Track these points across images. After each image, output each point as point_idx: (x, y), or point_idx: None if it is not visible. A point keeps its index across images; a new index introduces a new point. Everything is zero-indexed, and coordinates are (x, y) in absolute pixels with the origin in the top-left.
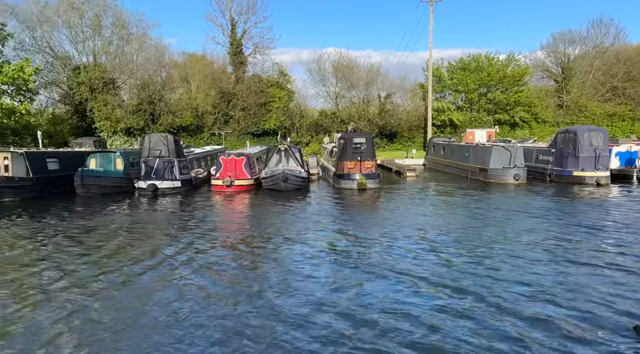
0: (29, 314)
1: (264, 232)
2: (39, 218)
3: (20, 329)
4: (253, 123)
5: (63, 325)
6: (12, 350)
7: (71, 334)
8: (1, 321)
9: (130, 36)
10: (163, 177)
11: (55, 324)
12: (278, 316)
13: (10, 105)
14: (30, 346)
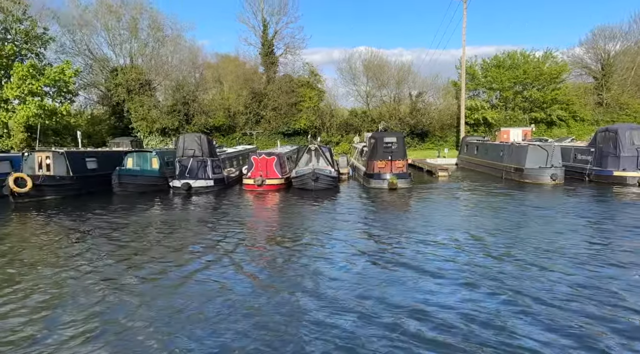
0: (66, 306)
1: (295, 231)
2: (79, 215)
3: (57, 319)
4: (284, 123)
5: (98, 317)
6: (50, 340)
7: (104, 326)
8: (40, 311)
9: (165, 38)
10: (196, 177)
11: (91, 316)
12: (307, 314)
13: (52, 106)
14: (64, 336)
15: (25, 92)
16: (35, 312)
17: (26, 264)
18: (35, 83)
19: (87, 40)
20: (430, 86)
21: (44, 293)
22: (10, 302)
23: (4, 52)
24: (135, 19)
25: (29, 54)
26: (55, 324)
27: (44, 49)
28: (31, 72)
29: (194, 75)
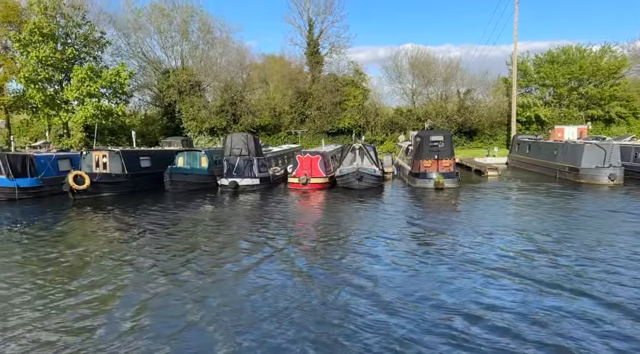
0: (128, 299)
1: (341, 230)
2: (133, 212)
3: (119, 311)
4: (328, 122)
5: (157, 311)
6: (111, 332)
7: (164, 319)
8: (104, 303)
9: (214, 40)
10: (243, 175)
11: (150, 309)
12: (359, 313)
13: (108, 107)
14: (112, 326)
15: (83, 93)
16: (98, 304)
17: (87, 257)
18: (93, 85)
19: (141, 43)
20: (480, 83)
21: (107, 285)
22: (76, 294)
23: (65, 55)
24: (186, 22)
25: (87, 57)
26: (117, 317)
27: (101, 52)
28: (89, 74)
29: (242, 76)
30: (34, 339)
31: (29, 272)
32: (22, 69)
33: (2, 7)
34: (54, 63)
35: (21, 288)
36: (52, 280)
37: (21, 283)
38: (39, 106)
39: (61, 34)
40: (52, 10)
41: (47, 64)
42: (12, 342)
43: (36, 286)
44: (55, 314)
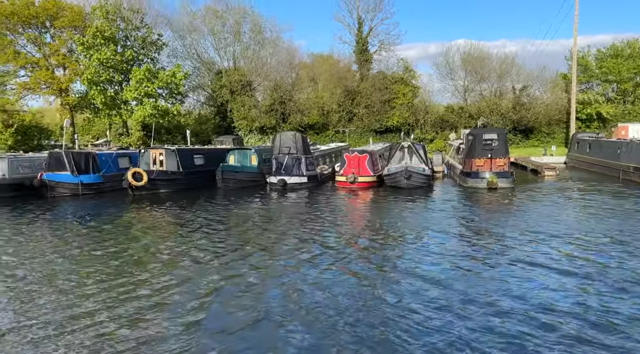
0: (186, 292)
1: (389, 229)
2: (188, 208)
3: (180, 304)
4: (376, 120)
5: (210, 304)
6: (168, 323)
7: (215, 314)
8: (165, 295)
9: (265, 40)
10: (291, 173)
11: (211, 304)
12: (411, 313)
13: (165, 107)
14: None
15: (142, 94)
16: (160, 295)
17: (147, 251)
18: (151, 85)
19: (195, 45)
20: (536, 79)
21: (168, 278)
22: (138, 286)
23: (124, 57)
24: (238, 23)
25: (145, 59)
26: (178, 311)
27: (158, 54)
28: (147, 75)
29: (291, 76)
30: (98, 330)
31: (93, 264)
32: (85, 71)
33: (68, 12)
34: (114, 65)
35: (86, 279)
36: (114, 272)
37: (86, 275)
38: (101, 107)
39: (121, 36)
40: (113, 14)
41: (108, 65)
42: (79, 333)
43: (100, 278)
44: (118, 306)
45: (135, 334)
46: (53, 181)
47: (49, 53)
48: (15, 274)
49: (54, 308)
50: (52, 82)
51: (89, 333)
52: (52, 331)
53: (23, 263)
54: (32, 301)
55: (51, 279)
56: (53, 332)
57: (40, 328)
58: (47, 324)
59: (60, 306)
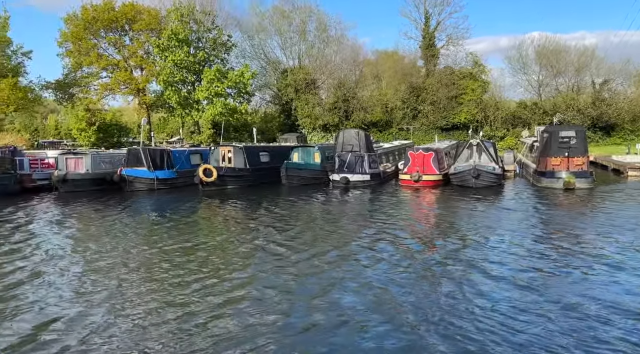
0: (257, 286)
1: (455, 229)
2: (255, 203)
3: (249, 299)
4: (442, 117)
5: (283, 301)
6: (239, 319)
7: (289, 311)
8: (238, 289)
9: (329, 38)
10: (354, 171)
11: (279, 299)
12: (480, 315)
13: (233, 105)
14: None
15: (212, 93)
16: (233, 289)
17: (221, 244)
18: (220, 85)
19: (262, 45)
20: (619, 73)
21: (243, 273)
22: (207, 277)
23: (197, 59)
24: (304, 22)
25: (215, 60)
26: (248, 307)
27: (227, 55)
28: (217, 75)
29: (354, 73)
30: (183, 324)
31: (174, 257)
32: (161, 72)
33: (145, 16)
34: (187, 66)
35: (160, 271)
36: (186, 264)
37: (160, 268)
38: (175, 106)
39: (193, 38)
40: (187, 17)
41: (182, 66)
42: (149, 326)
43: (180, 273)
44: (201, 300)
45: (219, 328)
46: (131, 176)
47: (127, 55)
48: (99, 266)
49: (142, 297)
50: (131, 83)
51: (175, 325)
52: (138, 321)
53: (106, 254)
54: (123, 292)
55: (134, 271)
56: (139, 323)
57: (129, 316)
58: (135, 314)
59: (147, 296)
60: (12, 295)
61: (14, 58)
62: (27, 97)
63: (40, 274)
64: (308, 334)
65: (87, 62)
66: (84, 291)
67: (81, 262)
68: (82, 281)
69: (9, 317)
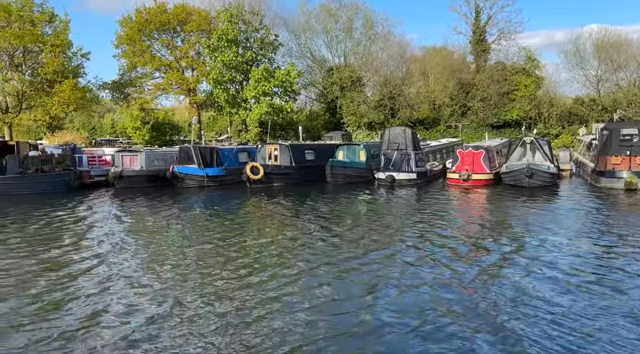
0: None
1: (506, 232)
2: (300, 201)
3: (297, 295)
4: (493, 114)
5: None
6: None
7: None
8: (284, 285)
9: (376, 35)
10: (400, 169)
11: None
12: (537, 320)
13: (279, 104)
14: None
15: (259, 92)
16: (277, 283)
17: (269, 240)
18: (267, 84)
19: (309, 43)
20: None
21: (287, 268)
22: (257, 273)
23: (245, 58)
24: (350, 19)
25: (262, 59)
26: (299, 303)
27: (274, 54)
28: (264, 75)
29: (401, 70)
30: (222, 317)
31: (219, 251)
32: (211, 72)
33: (196, 17)
34: (236, 66)
35: (211, 266)
36: (238, 259)
37: (212, 263)
38: (223, 105)
39: (242, 38)
40: (236, 18)
41: (231, 66)
42: (202, 319)
43: (224, 266)
44: (241, 294)
45: (269, 323)
46: (182, 173)
47: (179, 56)
48: (154, 259)
49: (195, 290)
50: (182, 83)
51: (227, 319)
52: (192, 314)
53: (161, 248)
54: (177, 285)
55: (188, 265)
56: (192, 315)
57: (184, 309)
58: (189, 307)
59: (200, 289)
60: (73, 284)
61: (74, 60)
62: (86, 97)
63: (99, 266)
64: (358, 333)
65: (141, 63)
66: (139, 283)
67: (138, 255)
68: (138, 274)
69: (70, 305)
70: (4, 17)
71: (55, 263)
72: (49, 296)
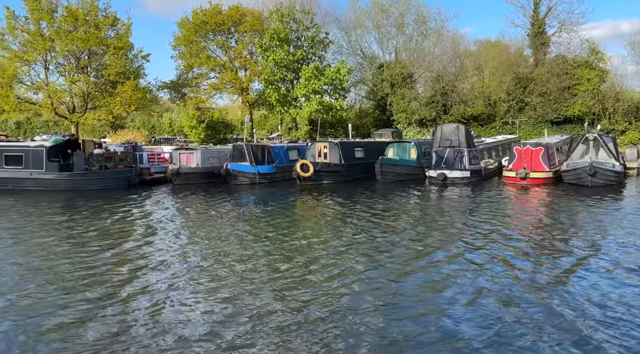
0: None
1: (567, 234)
2: (351, 199)
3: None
4: (552, 110)
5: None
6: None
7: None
8: (335, 282)
9: (428, 30)
10: (452, 167)
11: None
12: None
13: (329, 102)
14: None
15: (309, 91)
16: (332, 282)
17: (318, 238)
18: (317, 83)
19: (360, 40)
20: None
21: (338, 267)
22: (312, 271)
23: (295, 57)
24: (402, 15)
25: (313, 57)
26: (360, 304)
27: (325, 52)
28: (314, 73)
29: (454, 65)
30: (277, 314)
31: (271, 247)
32: (263, 71)
33: (249, 18)
34: (287, 64)
35: (264, 262)
36: (292, 257)
37: (265, 259)
38: (274, 103)
39: (293, 37)
40: (287, 17)
41: (282, 65)
42: (257, 315)
43: (278, 263)
44: (296, 293)
45: (321, 322)
46: (235, 170)
47: (233, 56)
48: (210, 253)
49: (248, 286)
50: (236, 82)
51: (282, 317)
52: (245, 310)
53: (217, 242)
54: (231, 280)
55: (242, 261)
56: (245, 310)
57: (237, 304)
58: (242, 302)
59: (254, 285)
60: (134, 276)
61: (135, 61)
62: (146, 97)
63: (163, 259)
64: (427, 341)
65: (197, 64)
66: (196, 277)
67: (195, 250)
68: (194, 269)
69: (130, 297)
70: (71, 21)
71: (123, 255)
72: (118, 286)
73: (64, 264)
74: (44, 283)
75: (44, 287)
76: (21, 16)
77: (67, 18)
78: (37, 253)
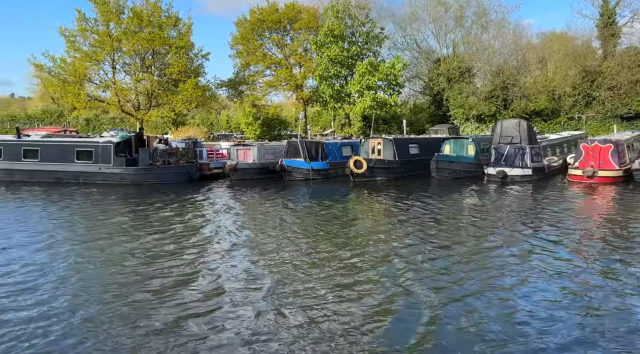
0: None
1: (635, 236)
2: (405, 196)
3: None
4: (623, 104)
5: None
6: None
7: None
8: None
9: (489, 23)
10: (513, 164)
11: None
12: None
13: (383, 98)
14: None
15: (363, 87)
16: (391, 280)
17: (373, 236)
18: (372, 78)
19: (415, 35)
20: None
21: (393, 268)
22: (366, 269)
23: (350, 53)
24: (462, 8)
25: (367, 53)
26: (420, 303)
27: (379, 47)
28: (369, 69)
29: (516, 58)
30: (329, 317)
31: (326, 244)
32: (317, 68)
33: (305, 15)
34: (341, 61)
35: (318, 258)
36: (348, 253)
37: (318, 255)
38: (328, 100)
39: (348, 33)
40: (342, 13)
41: (336, 61)
42: (309, 312)
43: (334, 259)
44: (352, 290)
45: (373, 322)
46: (290, 166)
47: (288, 53)
48: (266, 248)
49: (302, 282)
50: (290, 79)
51: (334, 317)
52: (299, 307)
53: (271, 237)
54: (285, 274)
55: (297, 256)
56: (299, 307)
57: (291, 300)
58: (296, 299)
59: (306, 283)
60: (189, 267)
61: (195, 60)
62: (205, 95)
63: (215, 250)
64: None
65: (253, 62)
66: (250, 270)
67: (250, 242)
68: (249, 261)
69: (182, 286)
70: (137, 23)
71: (188, 245)
72: (178, 272)
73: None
74: (137, 263)
75: (136, 267)
76: (91, 18)
77: (133, 19)
78: (126, 236)
